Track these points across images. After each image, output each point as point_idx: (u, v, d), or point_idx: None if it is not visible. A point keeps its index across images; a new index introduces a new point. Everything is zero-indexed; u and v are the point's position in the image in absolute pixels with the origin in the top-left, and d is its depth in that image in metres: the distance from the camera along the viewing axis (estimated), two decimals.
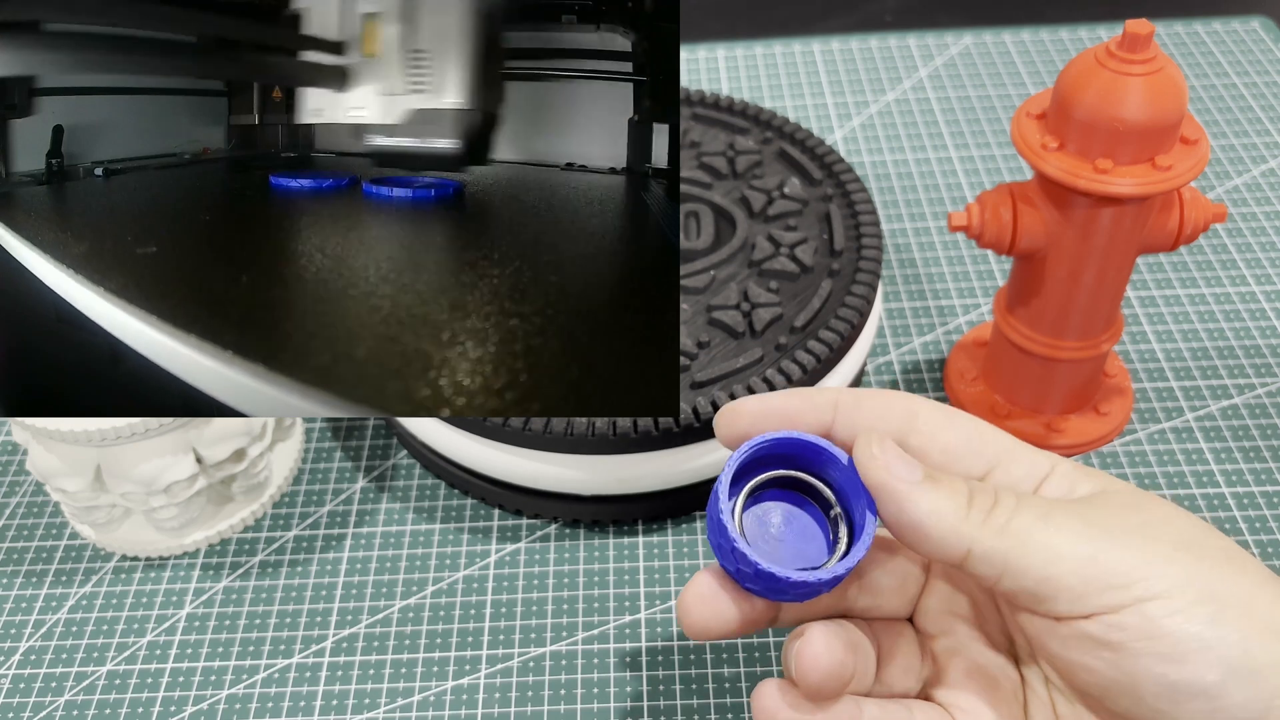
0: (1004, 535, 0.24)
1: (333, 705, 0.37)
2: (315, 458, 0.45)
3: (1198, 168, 0.35)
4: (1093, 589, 0.23)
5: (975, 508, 0.25)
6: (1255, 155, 0.58)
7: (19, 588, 0.41)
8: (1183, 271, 0.52)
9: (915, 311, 0.50)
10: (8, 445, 0.46)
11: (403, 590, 0.40)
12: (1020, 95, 0.63)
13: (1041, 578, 0.23)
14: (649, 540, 0.42)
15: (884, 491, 0.25)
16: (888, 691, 0.28)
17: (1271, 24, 0.67)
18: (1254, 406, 0.45)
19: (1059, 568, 0.23)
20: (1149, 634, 0.23)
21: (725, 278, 0.43)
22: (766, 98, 0.64)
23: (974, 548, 0.24)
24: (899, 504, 0.25)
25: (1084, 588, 0.23)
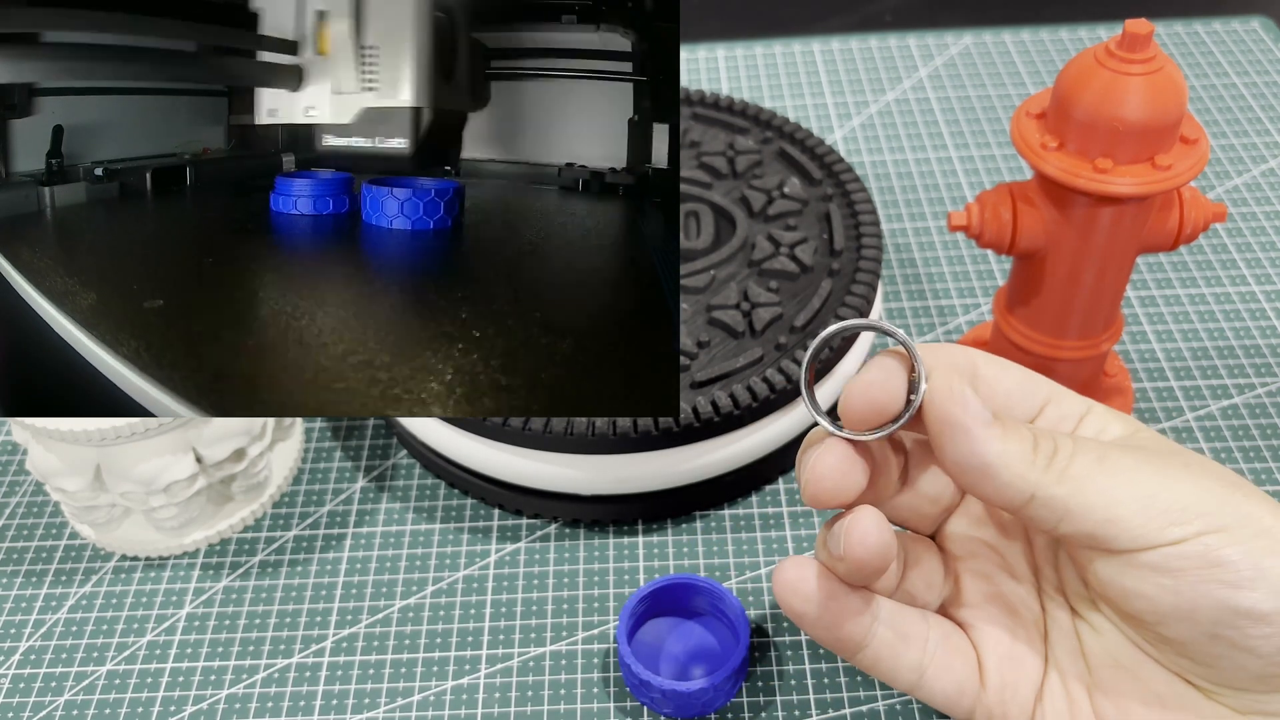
0: (1064, 481, 0.24)
1: (333, 705, 0.37)
2: (315, 458, 0.45)
3: (1198, 167, 0.35)
4: (1154, 526, 0.24)
5: (1040, 453, 0.25)
6: (1255, 155, 0.58)
7: (19, 588, 0.41)
8: (1183, 271, 0.52)
9: (915, 311, 0.50)
10: (8, 445, 0.46)
11: (403, 590, 0.40)
12: (1020, 95, 0.63)
13: (1103, 520, 0.24)
14: (649, 540, 0.42)
15: (958, 430, 0.25)
16: (908, 601, 0.29)
17: (1271, 24, 0.67)
18: (1254, 406, 0.45)
19: (1119, 510, 0.24)
20: (1210, 563, 0.23)
21: (725, 277, 0.43)
22: (766, 98, 0.64)
23: (1037, 493, 0.24)
24: (972, 445, 0.25)
25: (1145, 526, 0.24)
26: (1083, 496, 0.24)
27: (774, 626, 0.39)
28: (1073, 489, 0.24)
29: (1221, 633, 0.24)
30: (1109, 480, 0.24)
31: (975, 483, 0.25)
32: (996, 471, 0.25)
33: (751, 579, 0.40)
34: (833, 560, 0.27)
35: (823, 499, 0.26)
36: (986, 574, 0.29)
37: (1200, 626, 0.24)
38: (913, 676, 0.28)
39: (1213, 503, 0.24)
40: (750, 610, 0.39)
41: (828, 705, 0.36)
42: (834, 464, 0.26)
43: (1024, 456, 0.25)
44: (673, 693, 0.35)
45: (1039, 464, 0.25)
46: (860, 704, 0.36)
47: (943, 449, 0.25)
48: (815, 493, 0.26)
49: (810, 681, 0.37)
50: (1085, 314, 0.40)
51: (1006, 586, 0.29)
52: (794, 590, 0.27)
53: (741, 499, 0.43)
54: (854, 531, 0.26)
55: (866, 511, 0.26)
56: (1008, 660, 0.28)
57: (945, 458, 0.25)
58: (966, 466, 0.25)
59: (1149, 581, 0.24)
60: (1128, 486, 0.24)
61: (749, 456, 0.41)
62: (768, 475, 0.43)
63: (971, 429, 0.25)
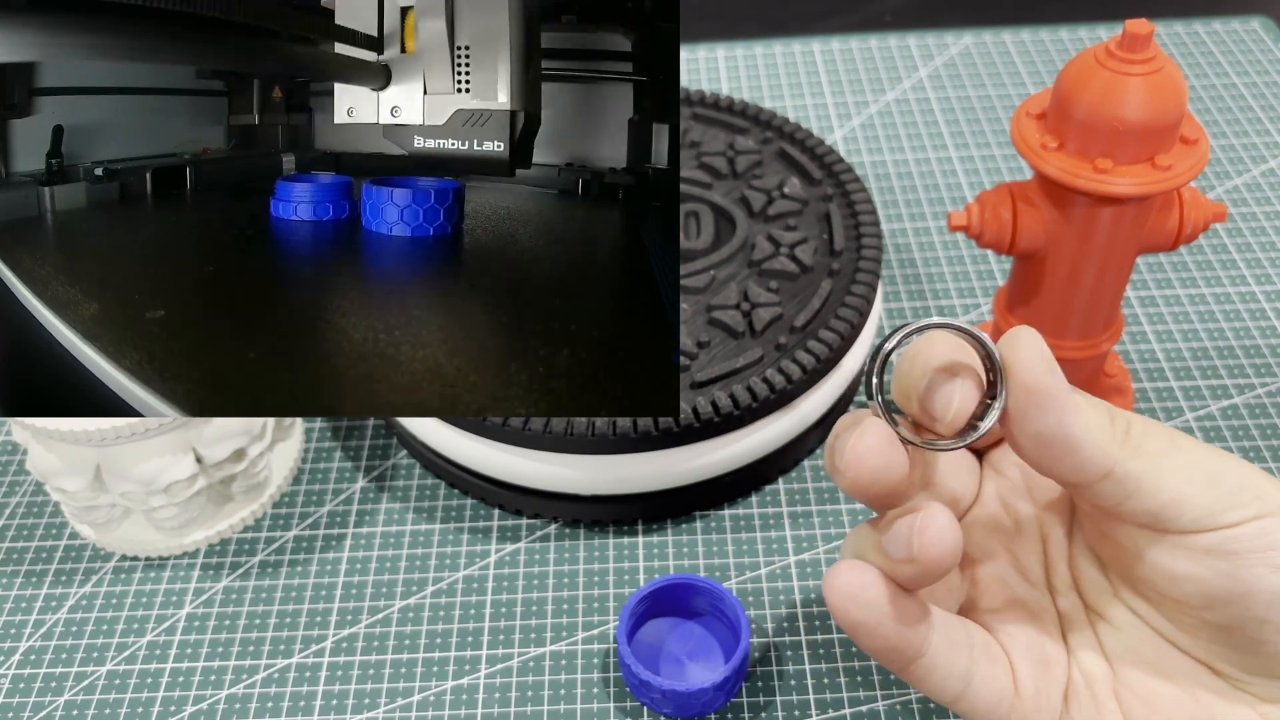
0: (1140, 457, 0.24)
1: (333, 705, 0.37)
2: (315, 458, 0.45)
3: (1198, 168, 0.35)
4: (1218, 507, 0.24)
5: (1117, 427, 0.24)
6: (1255, 155, 0.58)
7: (19, 588, 0.41)
8: (1183, 271, 0.52)
9: (915, 311, 0.50)
10: (8, 445, 0.46)
11: (403, 590, 0.40)
12: (1020, 95, 0.63)
13: (1172, 499, 0.24)
14: (649, 540, 0.42)
15: (1046, 398, 0.24)
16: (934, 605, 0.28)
17: (1271, 24, 0.67)
18: (1254, 406, 0.45)
19: (1189, 489, 0.24)
20: (1268, 546, 0.23)
21: (725, 278, 0.43)
22: (766, 98, 0.64)
23: (1116, 469, 0.24)
24: (1060, 414, 0.24)
25: (1210, 508, 0.24)
26: (1156, 474, 0.24)
27: (774, 627, 0.39)
28: (1148, 465, 0.24)
29: (1272, 617, 0.24)
30: (1182, 458, 0.24)
31: (1055, 456, 0.24)
32: (1081, 445, 0.24)
33: (751, 579, 0.40)
34: (894, 564, 0.25)
35: (864, 482, 0.25)
36: (1002, 576, 0.29)
37: (1251, 610, 0.24)
38: (959, 686, 0.27)
39: (1264, 487, 0.24)
40: (750, 610, 0.39)
41: (828, 705, 0.37)
42: (875, 445, 0.25)
43: (1106, 429, 0.24)
44: (673, 693, 0.35)
45: (1117, 438, 0.24)
46: (860, 704, 0.36)
47: (1026, 420, 0.24)
48: (857, 475, 0.25)
49: (810, 681, 0.37)
50: (1085, 314, 0.40)
51: (1021, 588, 0.29)
52: (853, 598, 0.25)
53: (741, 499, 0.43)
54: (929, 530, 0.24)
55: (938, 509, 0.25)
56: (1039, 665, 0.27)
57: (1027, 429, 0.24)
58: (1051, 438, 0.24)
59: (1204, 565, 0.24)
60: (1196, 467, 0.24)
61: (749, 456, 0.41)
62: (768, 475, 0.43)
63: (1062, 398, 0.24)
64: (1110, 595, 0.27)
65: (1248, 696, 0.25)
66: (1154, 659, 0.26)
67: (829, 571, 0.26)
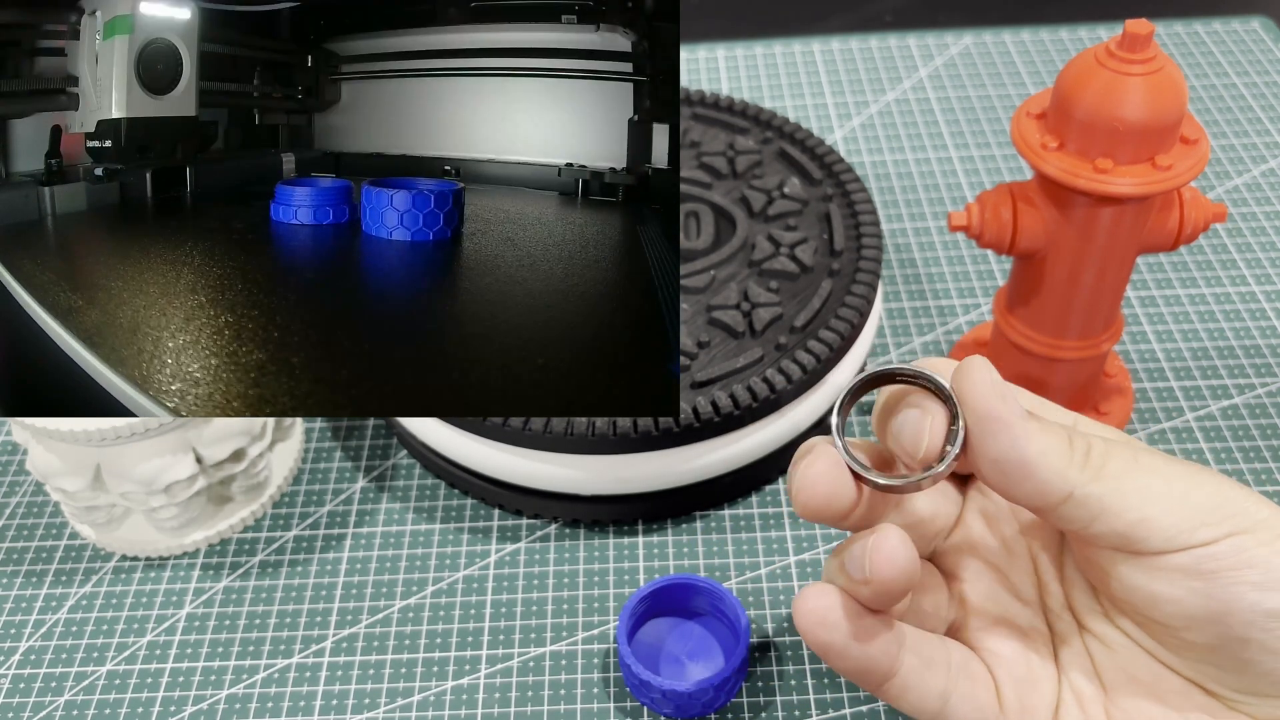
0: (1101, 479, 0.24)
1: (333, 705, 0.37)
2: (315, 458, 0.45)
3: (1198, 168, 0.35)
4: (1187, 526, 0.24)
5: (1075, 450, 0.24)
6: (1255, 155, 0.58)
7: (19, 588, 0.41)
8: (1183, 271, 0.52)
9: (915, 311, 0.50)
10: (8, 445, 0.46)
11: (403, 590, 0.40)
12: (1020, 95, 0.63)
13: (1137, 520, 0.24)
14: (649, 540, 0.42)
15: (998, 424, 0.24)
16: (917, 625, 0.28)
17: (1271, 24, 0.67)
18: (1254, 406, 0.45)
19: (1154, 508, 0.24)
20: (1243, 564, 0.23)
21: (725, 278, 0.43)
22: (766, 98, 0.64)
23: (1075, 492, 0.24)
24: (1013, 439, 0.24)
25: (1178, 526, 0.24)
26: (1119, 495, 0.24)
27: (774, 627, 0.39)
28: (1109, 487, 0.24)
29: (1253, 635, 0.23)
30: (1145, 479, 0.24)
31: (1014, 481, 0.24)
32: (1036, 469, 0.24)
33: (751, 579, 0.40)
34: (854, 584, 0.25)
35: (813, 506, 0.25)
36: (991, 595, 0.29)
37: (1231, 630, 0.24)
38: (937, 705, 0.27)
39: (1239, 502, 0.24)
40: (750, 610, 0.39)
41: (828, 705, 0.37)
42: (824, 470, 0.25)
43: (1063, 453, 0.24)
44: (673, 693, 0.35)
45: (1076, 461, 0.24)
46: (860, 704, 0.36)
47: (982, 446, 0.24)
48: (806, 500, 0.25)
49: (810, 681, 0.37)
50: (1085, 314, 0.40)
51: (1013, 608, 0.28)
52: (820, 620, 0.26)
53: (741, 499, 0.43)
54: (881, 550, 0.25)
55: (890, 530, 0.25)
56: (1024, 683, 0.27)
57: (984, 455, 0.24)
58: (1006, 463, 0.24)
59: (1178, 585, 0.24)
60: (1162, 485, 0.24)
61: (749, 457, 0.41)
62: (767, 475, 0.43)
63: (1013, 424, 0.24)
64: (1101, 615, 0.27)
65: (1242, 717, 0.25)
66: (1147, 679, 0.26)
67: (798, 595, 0.26)
